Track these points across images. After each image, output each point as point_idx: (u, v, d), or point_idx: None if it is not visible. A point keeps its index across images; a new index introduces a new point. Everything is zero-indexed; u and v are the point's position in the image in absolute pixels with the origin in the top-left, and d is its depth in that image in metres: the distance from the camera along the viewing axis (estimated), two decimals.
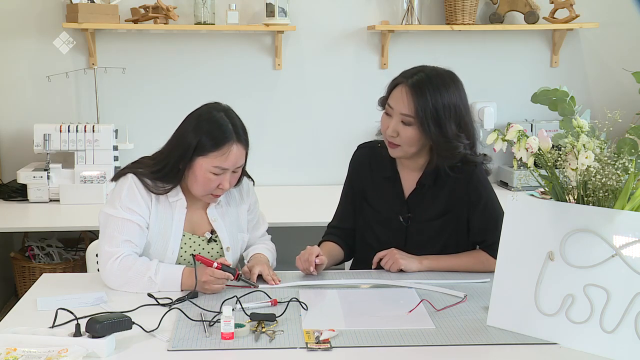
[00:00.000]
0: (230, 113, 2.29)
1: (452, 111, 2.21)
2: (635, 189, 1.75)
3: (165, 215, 2.28)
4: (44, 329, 1.78)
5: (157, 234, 2.26)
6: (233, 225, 2.39)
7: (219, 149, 2.20)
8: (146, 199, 2.24)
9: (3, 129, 3.93)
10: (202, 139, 2.20)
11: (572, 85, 2.30)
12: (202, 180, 2.22)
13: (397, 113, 2.24)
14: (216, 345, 1.76)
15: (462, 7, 3.86)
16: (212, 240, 2.34)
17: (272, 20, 3.79)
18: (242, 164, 2.28)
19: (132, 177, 2.25)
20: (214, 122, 2.23)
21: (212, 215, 2.35)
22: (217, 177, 2.22)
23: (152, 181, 2.25)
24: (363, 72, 4.04)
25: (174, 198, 2.29)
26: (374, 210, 2.42)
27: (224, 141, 2.20)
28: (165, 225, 2.27)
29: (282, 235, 3.29)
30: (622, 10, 4.10)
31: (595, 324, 1.73)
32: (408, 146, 2.26)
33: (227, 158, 2.20)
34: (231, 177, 2.26)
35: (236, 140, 2.22)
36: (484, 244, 2.34)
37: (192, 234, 2.32)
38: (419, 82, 2.22)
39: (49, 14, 3.85)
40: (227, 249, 2.35)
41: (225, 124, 2.22)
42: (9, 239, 3.93)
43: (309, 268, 2.24)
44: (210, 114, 2.26)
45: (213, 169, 2.21)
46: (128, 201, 2.22)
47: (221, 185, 2.23)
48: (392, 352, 1.75)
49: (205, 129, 2.21)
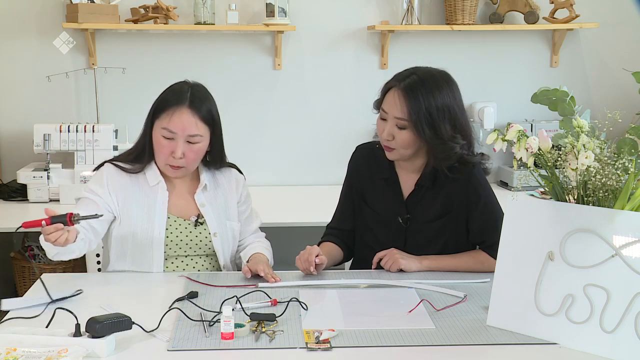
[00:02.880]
0: (197, 87, 2.36)
1: (446, 113, 2.21)
2: (635, 189, 1.75)
3: (149, 199, 2.34)
4: (44, 329, 1.78)
5: (142, 219, 2.32)
6: (221, 211, 2.42)
7: (167, 110, 2.28)
8: (115, 184, 2.33)
9: (3, 129, 3.93)
10: (157, 104, 2.31)
11: (572, 85, 2.31)
12: (157, 146, 2.30)
13: (391, 117, 2.24)
14: (216, 345, 1.76)
15: (462, 7, 3.86)
16: (199, 224, 2.36)
17: (272, 20, 3.79)
18: (193, 132, 2.28)
19: (107, 166, 2.38)
20: (172, 88, 2.34)
21: (199, 200, 2.39)
22: (168, 143, 2.27)
23: (127, 163, 2.36)
24: (363, 72, 4.04)
25: (153, 182, 2.35)
26: (373, 212, 2.42)
27: (173, 103, 2.28)
28: (149, 209, 2.33)
29: (282, 235, 3.29)
30: (622, 10, 4.10)
31: (595, 324, 1.73)
32: (404, 149, 2.27)
33: (172, 119, 2.26)
34: (186, 147, 2.28)
35: (187, 106, 2.28)
36: (484, 245, 2.34)
37: (178, 217, 2.36)
38: (411, 85, 2.21)
39: (49, 14, 3.85)
40: (214, 235, 2.37)
41: (182, 90, 2.32)
42: (9, 239, 3.93)
43: (308, 268, 2.24)
44: (174, 84, 2.36)
45: (162, 132, 2.28)
46: (93, 185, 2.34)
47: (173, 152, 2.27)
48: (392, 352, 1.75)
49: (159, 97, 2.32)
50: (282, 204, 3.69)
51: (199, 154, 2.33)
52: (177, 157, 2.28)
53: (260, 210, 2.63)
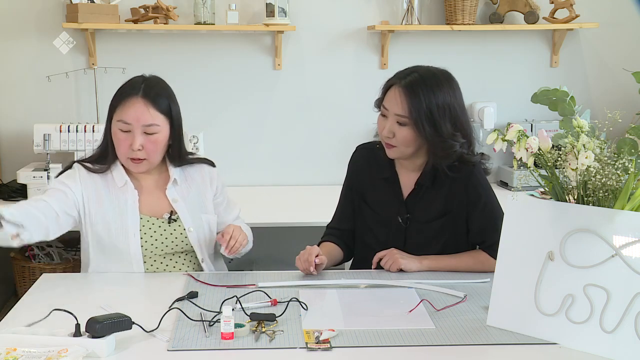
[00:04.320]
0: (152, 78, 2.37)
1: (446, 111, 2.22)
2: (635, 189, 1.75)
3: (119, 201, 2.32)
4: (44, 329, 1.78)
5: (115, 222, 2.30)
6: (195, 205, 2.40)
7: (121, 102, 2.29)
8: (87, 182, 2.32)
9: (3, 129, 3.93)
10: (113, 99, 2.32)
11: (572, 85, 2.31)
12: (116, 142, 2.30)
13: (392, 114, 2.25)
14: (216, 345, 1.76)
15: (462, 7, 3.86)
16: (173, 220, 2.35)
17: (272, 20, 3.79)
18: (148, 122, 2.27)
19: (77, 165, 2.36)
20: (127, 82, 2.35)
21: (171, 196, 2.38)
22: (126, 136, 2.27)
23: (92, 163, 2.35)
24: (363, 72, 4.04)
25: (121, 182, 2.34)
26: (373, 211, 2.42)
27: (124, 95, 2.30)
28: (121, 211, 2.31)
29: (281, 235, 3.29)
30: (622, 10, 4.10)
31: (595, 324, 1.73)
32: (404, 147, 2.27)
33: (126, 110, 2.27)
34: (144, 139, 2.27)
35: (141, 96, 2.28)
36: (484, 245, 2.34)
37: (151, 216, 2.34)
38: (412, 82, 2.22)
39: (49, 14, 3.85)
40: (189, 230, 2.36)
41: (135, 82, 2.33)
42: None
43: (308, 268, 2.24)
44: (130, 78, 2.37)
45: (118, 124, 2.28)
46: (64, 178, 2.33)
47: (132, 144, 2.26)
48: (392, 352, 1.75)
49: (116, 93, 2.33)
50: (282, 204, 3.69)
51: (158, 145, 2.30)
52: (135, 148, 2.26)
53: (260, 210, 2.64)
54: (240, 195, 2.59)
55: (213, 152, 3.64)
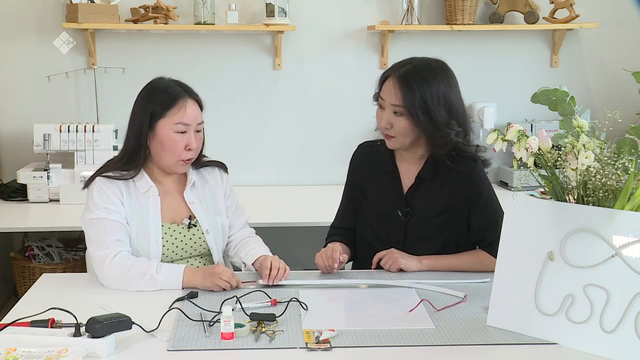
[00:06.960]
0: (172, 80, 2.36)
1: (440, 99, 2.24)
2: (635, 189, 1.75)
3: (141, 208, 2.30)
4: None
5: (137, 228, 2.28)
6: (210, 207, 2.41)
7: (174, 105, 2.26)
8: (117, 194, 2.27)
9: (3, 129, 3.93)
10: (154, 107, 2.26)
11: (572, 85, 2.30)
12: (169, 144, 2.26)
13: (388, 104, 2.27)
14: (216, 345, 1.76)
15: (462, 7, 3.86)
16: (192, 225, 2.36)
17: (272, 20, 3.79)
18: (201, 120, 2.30)
19: (99, 179, 2.29)
20: (158, 89, 2.31)
21: (189, 198, 2.37)
22: (183, 137, 2.26)
23: (117, 172, 2.30)
24: (363, 72, 4.04)
25: (144, 188, 2.31)
26: (373, 207, 2.43)
27: (176, 98, 2.27)
28: (143, 217, 2.29)
29: (282, 235, 3.29)
30: (622, 10, 4.10)
31: (595, 324, 1.73)
32: (403, 137, 2.28)
33: (185, 112, 2.26)
34: (195, 137, 2.29)
35: (188, 96, 2.29)
36: (484, 243, 2.35)
37: (172, 223, 2.34)
38: (407, 73, 2.25)
39: (48, 14, 3.85)
40: (206, 232, 2.37)
41: (171, 85, 2.32)
42: (9, 239, 3.93)
43: (333, 265, 2.25)
44: (151, 86, 2.33)
45: (176, 127, 2.25)
46: (101, 201, 2.25)
47: (189, 144, 2.26)
48: (392, 352, 1.75)
49: (153, 98, 2.28)
50: (282, 204, 3.69)
51: (202, 142, 2.35)
52: (194, 148, 2.28)
53: (260, 210, 2.64)
54: (240, 195, 2.59)
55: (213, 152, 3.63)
